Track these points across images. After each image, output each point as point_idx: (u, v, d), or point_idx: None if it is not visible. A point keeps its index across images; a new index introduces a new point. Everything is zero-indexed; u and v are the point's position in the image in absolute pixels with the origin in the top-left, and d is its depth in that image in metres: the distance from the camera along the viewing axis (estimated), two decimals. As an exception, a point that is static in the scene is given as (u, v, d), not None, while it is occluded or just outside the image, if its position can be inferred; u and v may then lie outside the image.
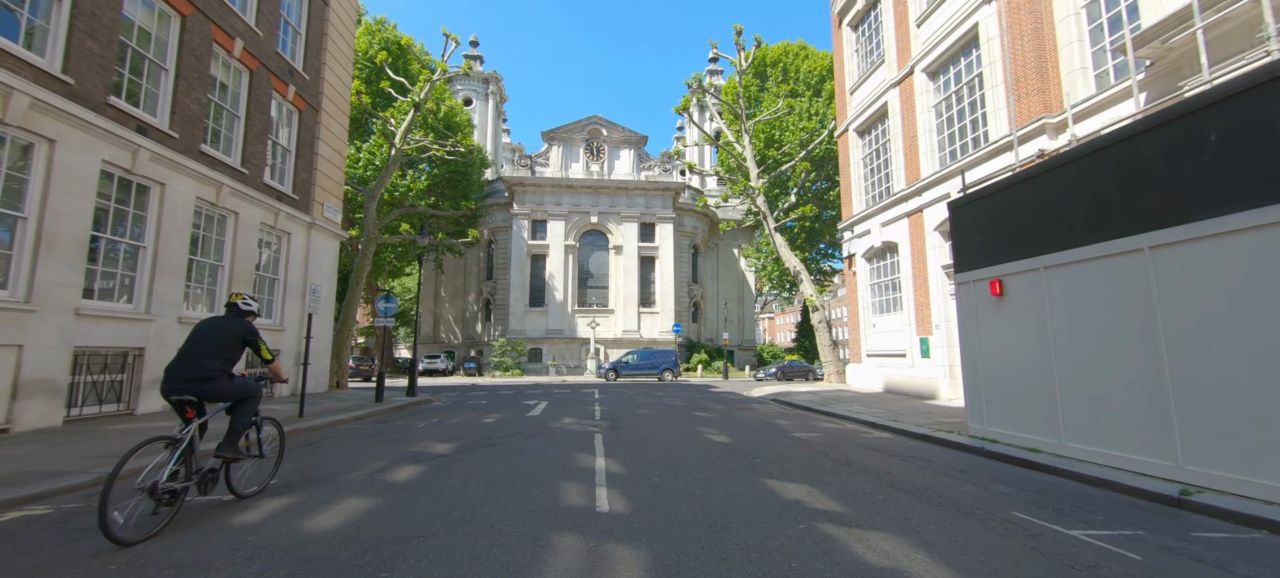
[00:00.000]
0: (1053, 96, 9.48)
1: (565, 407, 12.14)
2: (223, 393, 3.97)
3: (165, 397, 3.77)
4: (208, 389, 3.84)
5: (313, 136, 14.13)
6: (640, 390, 18.18)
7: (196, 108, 10.12)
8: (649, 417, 10.11)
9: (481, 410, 11.35)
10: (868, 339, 15.52)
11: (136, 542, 3.28)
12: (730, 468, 5.56)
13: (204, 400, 3.90)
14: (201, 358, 3.84)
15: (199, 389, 3.80)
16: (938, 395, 12.06)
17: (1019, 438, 6.67)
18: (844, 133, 17.03)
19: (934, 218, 12.44)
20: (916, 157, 13.14)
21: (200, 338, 3.93)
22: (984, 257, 7.28)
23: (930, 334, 12.57)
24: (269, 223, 12.34)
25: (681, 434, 7.90)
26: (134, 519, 3.42)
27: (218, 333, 4.01)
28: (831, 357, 19.22)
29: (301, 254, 13.59)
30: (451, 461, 5.87)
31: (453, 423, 9.24)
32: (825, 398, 13.23)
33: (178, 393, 3.74)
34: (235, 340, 4.08)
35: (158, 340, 9.27)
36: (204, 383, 3.81)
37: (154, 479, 3.41)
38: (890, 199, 14.16)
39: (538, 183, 36.86)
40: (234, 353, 4.07)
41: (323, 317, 14.36)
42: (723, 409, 11.82)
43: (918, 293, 13.12)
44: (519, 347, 34.31)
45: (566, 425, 8.89)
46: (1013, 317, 6.84)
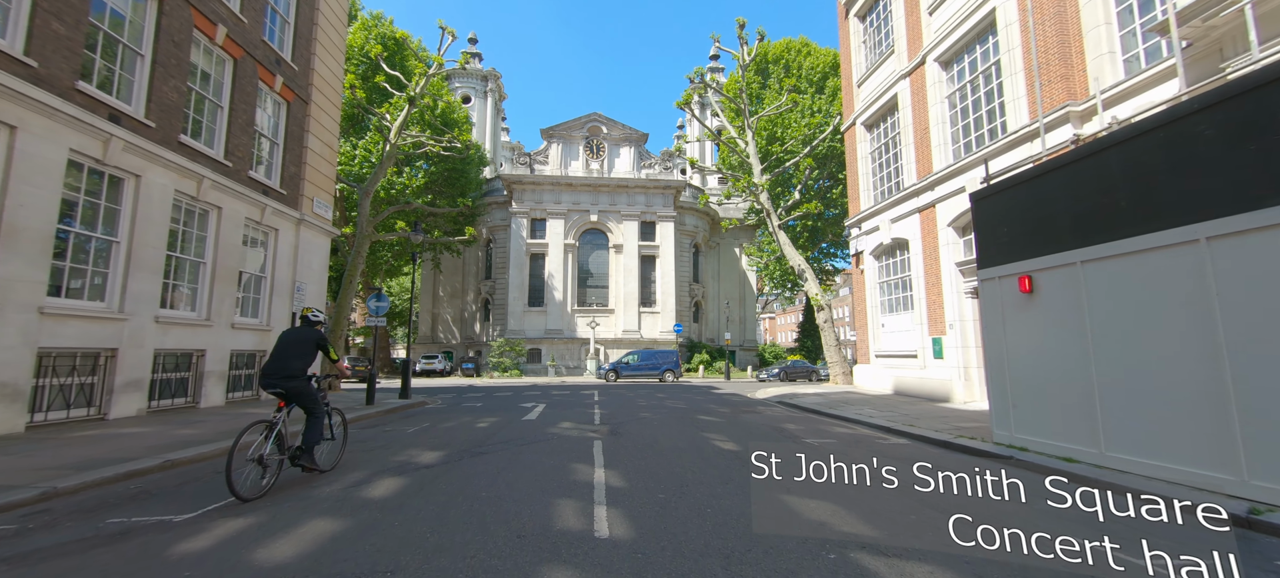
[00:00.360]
0: (1077, 83, 8.99)
1: (563, 410, 11.65)
2: (304, 390, 4.90)
3: (265, 390, 4.88)
4: (293, 385, 4.82)
5: (302, 130, 13.63)
6: (641, 392, 17.69)
7: (175, 96, 9.63)
8: (651, 421, 9.62)
9: (476, 414, 10.86)
10: (876, 339, 15.03)
11: (251, 499, 4.28)
12: (742, 481, 5.06)
13: (290, 394, 4.84)
14: (289, 360, 4.85)
15: (287, 385, 4.80)
16: (952, 398, 11.56)
17: (1052, 446, 6.17)
18: (851, 127, 16.53)
19: (948, 213, 11.95)
20: (928, 149, 12.65)
21: (286, 344, 4.95)
22: (1011, 251, 6.79)
23: (943, 334, 12.07)
24: (255, 218, 11.84)
25: (686, 441, 7.41)
26: (248, 483, 4.33)
27: (299, 339, 5.02)
28: (837, 357, 18.72)
29: (290, 251, 13.09)
30: (437, 473, 5.38)
31: (444, 428, 8.75)
32: (833, 400, 12.73)
33: (272, 387, 4.80)
34: (311, 345, 5.08)
35: (132, 341, 8.78)
36: (291, 380, 4.82)
37: (260, 453, 4.43)
38: (900, 194, 13.66)
39: (537, 181, 36.37)
40: (311, 355, 5.05)
41: (312, 316, 13.88)
42: (727, 412, 11.33)
43: (930, 291, 12.62)
44: (517, 347, 33.82)
45: (564, 431, 8.39)
46: (1045, 315, 6.34)
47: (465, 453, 6.43)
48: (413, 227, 14.90)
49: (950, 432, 8.06)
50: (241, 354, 11.60)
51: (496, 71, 50.20)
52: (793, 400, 13.10)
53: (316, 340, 5.14)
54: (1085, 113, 8.84)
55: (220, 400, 10.78)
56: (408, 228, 14.97)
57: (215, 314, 10.65)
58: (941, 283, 12.17)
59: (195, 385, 10.32)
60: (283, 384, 4.79)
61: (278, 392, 4.81)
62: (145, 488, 4.90)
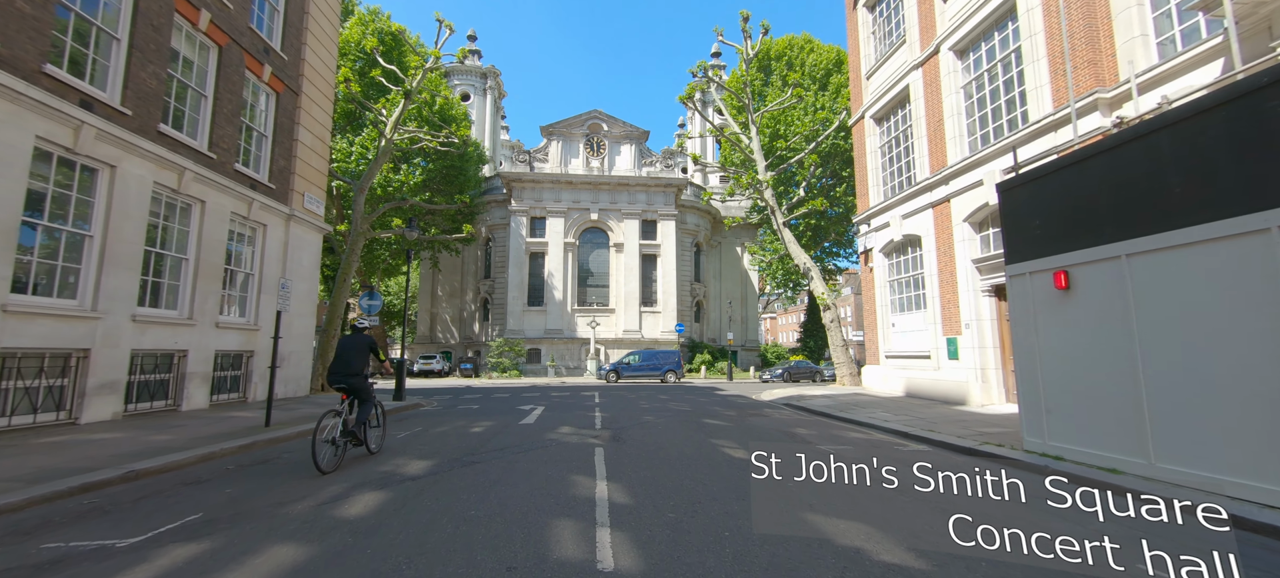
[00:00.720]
0: (1106, 69, 8.50)
1: (563, 412, 11.18)
2: (362, 386, 5.94)
3: (331, 386, 6.07)
4: (355, 382, 5.89)
5: (292, 122, 13.15)
6: (643, 393, 17.21)
7: (154, 83, 9.15)
8: (655, 425, 9.13)
9: (471, 417, 10.38)
10: (886, 339, 14.54)
11: (330, 472, 5.37)
12: (760, 495, 4.58)
13: (352, 389, 5.90)
14: (351, 361, 5.93)
15: (350, 382, 5.88)
16: (968, 401, 11.07)
17: (1092, 455, 5.69)
18: (859, 120, 16.04)
19: (963, 208, 11.45)
20: (942, 142, 12.16)
21: (347, 349, 6.01)
22: (1045, 245, 6.30)
23: (959, 334, 11.59)
24: (241, 213, 11.36)
25: (694, 448, 6.93)
26: (326, 459, 5.36)
27: (357, 345, 6.08)
28: (844, 358, 18.23)
29: (279, 248, 12.61)
30: (422, 486, 4.89)
31: (436, 433, 8.27)
32: (843, 403, 12.25)
33: (338, 384, 5.88)
34: (366, 350, 6.13)
35: (107, 340, 8.30)
36: (354, 377, 5.90)
37: (332, 435, 5.52)
38: (912, 189, 13.17)
39: (536, 179, 35.88)
40: (367, 358, 6.11)
41: (302, 315, 13.41)
42: (734, 415, 10.84)
43: (944, 290, 12.13)
44: (517, 347, 33.34)
45: (563, 436, 7.91)
46: (1084, 313, 5.86)
47: (456, 462, 5.95)
48: (408, 222, 14.41)
49: (973, 438, 7.58)
50: (227, 355, 11.12)
51: (496, 69, 49.72)
52: (801, 403, 12.62)
53: (370, 345, 6.24)
54: (1116, 99, 8.35)
55: (204, 403, 10.30)
56: (403, 225, 14.45)
57: (198, 313, 10.17)
58: (956, 281, 11.68)
59: (177, 388, 9.84)
60: (347, 381, 5.92)
61: (342, 387, 5.91)
62: (99, 504, 4.42)
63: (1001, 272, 10.83)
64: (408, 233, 14.49)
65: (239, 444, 6.97)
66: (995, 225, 11.06)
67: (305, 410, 10.61)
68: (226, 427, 8.23)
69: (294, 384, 13.13)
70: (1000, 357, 10.93)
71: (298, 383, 13.28)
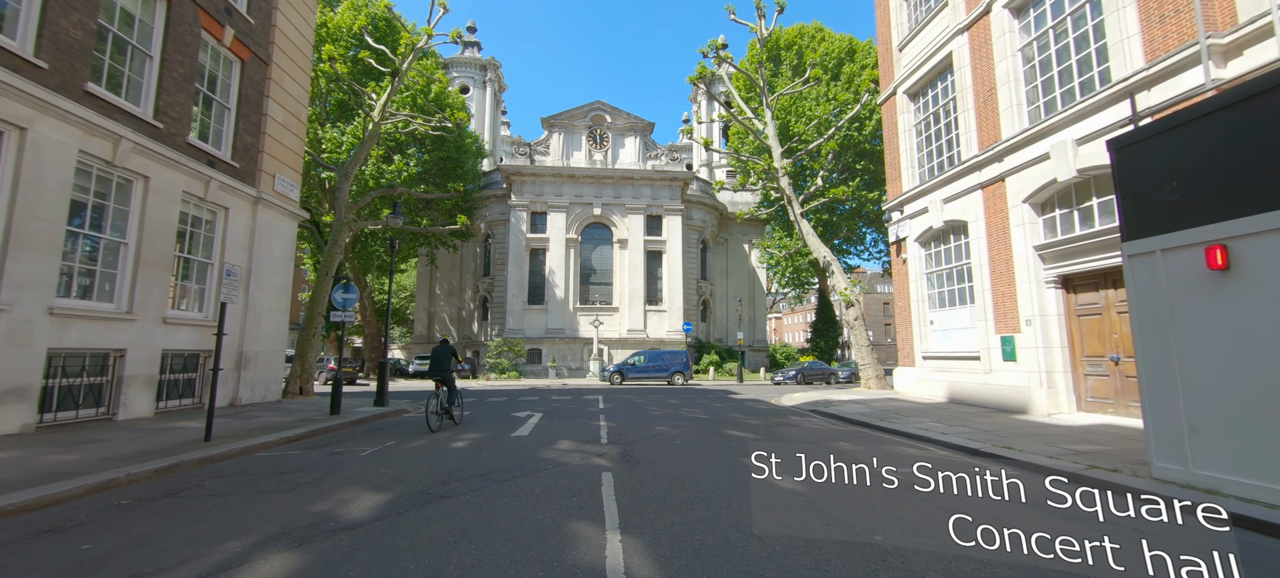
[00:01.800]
0: (1221, 9, 7.02)
1: (563, 421, 9.75)
2: (451, 379, 8.96)
3: (429, 378, 9.65)
4: (447, 377, 8.88)
5: (260, 94, 11.76)
6: (652, 398, 15.77)
7: (79, 34, 7.75)
8: (672, 439, 7.69)
9: (456, 429, 8.97)
10: (923, 339, 13.07)
11: (436, 431, 8.24)
12: (837, 552, 3.16)
13: (444, 381, 8.86)
14: (444, 361, 8.91)
15: (443, 376, 8.86)
16: (1030, 409, 9.60)
17: (1264, 490, 4.23)
18: (889, 97, 14.58)
19: (1022, 187, 9.98)
20: (995, 113, 10.69)
21: (440, 355, 8.95)
22: (1187, 213, 4.85)
23: (1017, 332, 10.11)
24: (196, 193, 9.97)
25: (725, 472, 5.49)
26: (432, 422, 8.36)
27: (446, 351, 9.02)
28: (870, 359, 16.76)
29: (244, 234, 11.21)
30: (358, 542, 3.46)
31: (408, 450, 6.84)
32: (880, 410, 10.79)
33: (435, 377, 8.85)
34: (451, 354, 9.03)
35: (12, 338, 6.89)
36: (445, 372, 8.87)
37: (433, 409, 8.47)
38: (956, 169, 11.70)
39: (537, 172, 34.47)
40: (451, 359, 9.02)
41: (273, 311, 12.01)
42: (759, 425, 9.39)
43: (997, 281, 10.66)
44: (516, 347, 31.93)
45: (562, 455, 6.48)
46: (1252, 299, 4.40)
47: (418, 497, 4.52)
48: (392, 208, 13.02)
49: (1067, 458, 6.12)
50: (178, 355, 9.73)
51: (496, 61, 48.42)
52: (830, 409, 11.16)
53: (453, 351, 9.09)
54: (1231, 47, 6.88)
55: (147, 410, 8.90)
56: (390, 211, 13.06)
57: (141, 306, 8.77)
58: (1013, 271, 10.22)
59: (113, 393, 8.44)
60: (440, 375, 8.82)
61: (437, 379, 8.82)
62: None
63: (1071, 260, 9.40)
64: (393, 220, 13.10)
65: (157, 467, 5.56)
66: (1062, 206, 9.59)
67: (268, 419, 9.19)
68: (158, 442, 6.82)
69: (262, 388, 11.72)
70: (1069, 358, 9.46)
71: (266, 386, 11.87)
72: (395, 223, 13.11)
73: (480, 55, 48.24)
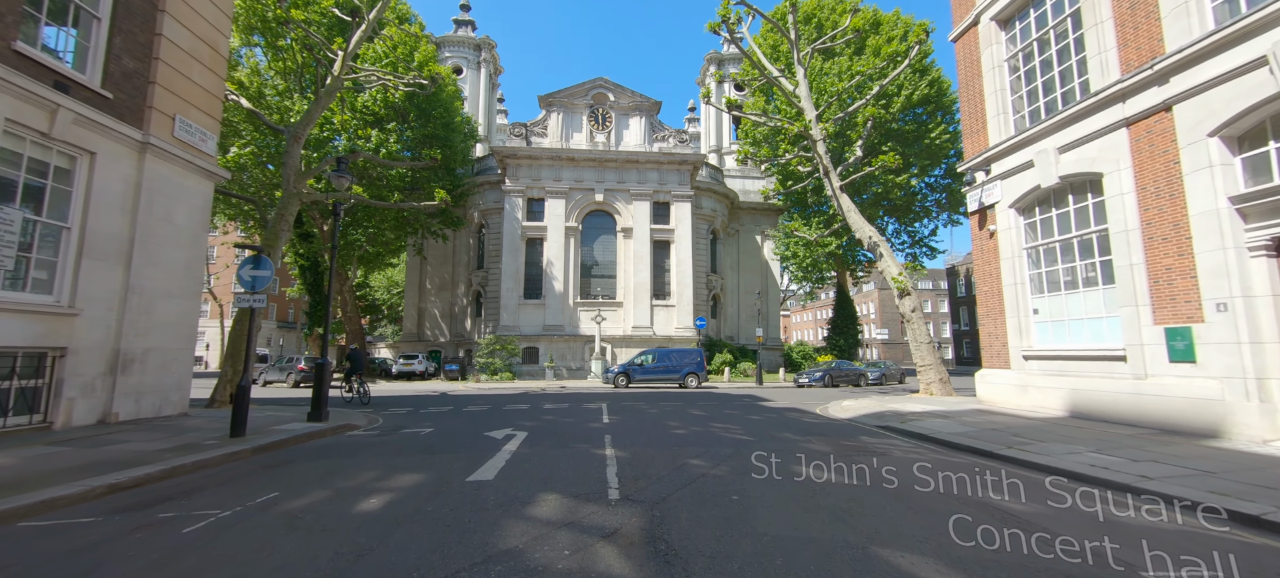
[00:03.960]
0: None
1: (552, 447, 6.82)
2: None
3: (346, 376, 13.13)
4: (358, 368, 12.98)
5: (151, 7, 8.83)
6: (667, 407, 12.82)
7: None
8: (723, 489, 4.74)
9: (394, 463, 6.05)
10: (1022, 333, 10.10)
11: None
12: None
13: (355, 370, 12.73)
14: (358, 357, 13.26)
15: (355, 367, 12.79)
16: (1226, 431, 6.64)
17: None
18: (968, 29, 11.59)
19: (1205, 115, 7.02)
20: (1153, 21, 7.72)
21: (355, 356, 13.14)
22: None
23: (1196, 321, 7.15)
24: (34, 126, 7.04)
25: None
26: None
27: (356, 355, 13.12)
28: (933, 360, 13.77)
29: (125, 190, 8.29)
30: None
31: (273, 519, 3.92)
32: (981, 428, 7.83)
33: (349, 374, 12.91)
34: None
35: None
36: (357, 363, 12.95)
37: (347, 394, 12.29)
38: (1082, 103, 8.73)
39: (534, 154, 31.50)
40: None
41: (174, 296, 9.09)
42: (828, 452, 6.41)
43: (1154, 252, 7.70)
44: (510, 345, 28.98)
45: (536, 538, 3.53)
46: None
47: None
48: (338, 164, 10.12)
49: None
50: (7, 353, 6.81)
51: (491, 40, 45.51)
52: (908, 426, 8.20)
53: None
54: None
55: (-68, 437, 5.97)
56: (334, 168, 10.12)
57: (-80, 281, 5.85)
58: (1188, 235, 7.26)
59: None
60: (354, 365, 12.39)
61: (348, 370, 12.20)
62: None
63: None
64: (339, 178, 10.20)
65: None
66: (1277, 137, 6.61)
67: (124, 447, 6.26)
68: None
69: (155, 397, 8.77)
70: (1290, 358, 6.50)
71: (162, 395, 8.92)
72: (341, 183, 10.18)
73: (474, 34, 45.30)
